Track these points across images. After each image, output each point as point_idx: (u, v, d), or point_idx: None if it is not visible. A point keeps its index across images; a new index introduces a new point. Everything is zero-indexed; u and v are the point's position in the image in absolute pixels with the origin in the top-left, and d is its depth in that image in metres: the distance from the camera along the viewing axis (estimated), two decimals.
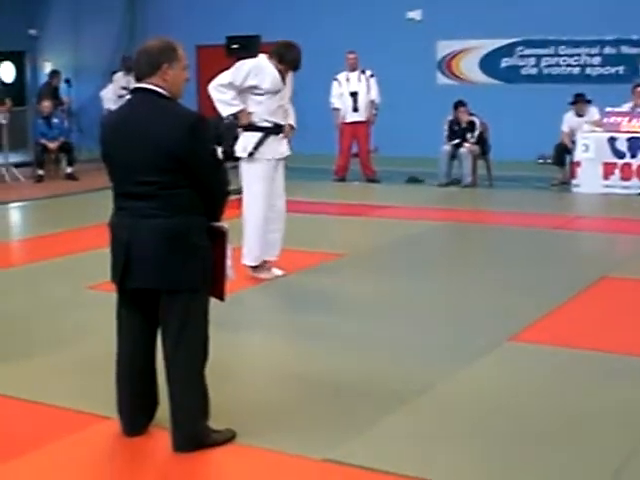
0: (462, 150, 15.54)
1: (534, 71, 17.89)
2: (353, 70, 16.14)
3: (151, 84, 4.70)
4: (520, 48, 17.96)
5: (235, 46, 17.39)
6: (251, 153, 8.56)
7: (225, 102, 8.48)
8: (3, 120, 17.65)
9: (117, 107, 5.06)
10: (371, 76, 16.10)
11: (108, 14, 21.08)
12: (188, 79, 4.94)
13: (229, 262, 4.92)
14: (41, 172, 17.07)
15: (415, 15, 18.63)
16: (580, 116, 15.04)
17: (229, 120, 8.57)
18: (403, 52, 18.09)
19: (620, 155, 14.14)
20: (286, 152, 8.83)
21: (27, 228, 13.40)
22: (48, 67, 22.08)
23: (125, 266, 4.71)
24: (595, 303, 7.88)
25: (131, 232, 4.68)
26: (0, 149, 17.77)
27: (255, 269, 8.81)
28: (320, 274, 9.12)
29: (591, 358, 6.44)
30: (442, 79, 18.65)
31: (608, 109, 14.71)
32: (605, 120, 14.62)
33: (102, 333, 5.09)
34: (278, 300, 8.39)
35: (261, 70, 8.50)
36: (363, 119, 16.11)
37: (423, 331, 7.13)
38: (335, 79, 16.18)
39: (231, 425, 5.01)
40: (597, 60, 17.21)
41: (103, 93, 18.90)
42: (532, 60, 17.89)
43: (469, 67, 18.50)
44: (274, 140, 8.66)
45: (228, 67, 8.76)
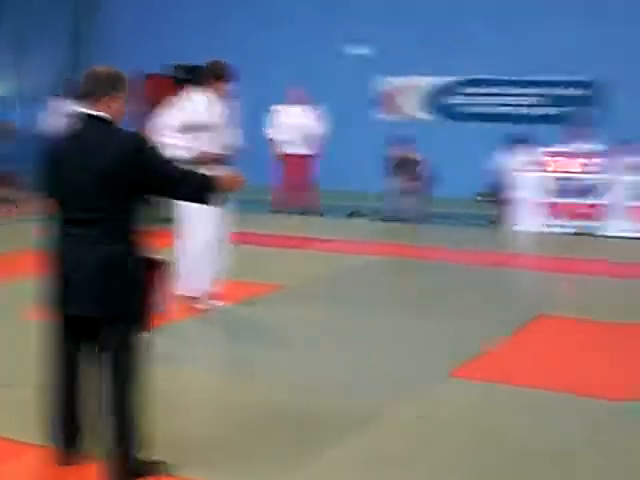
0: (403, 185, 15.61)
1: (474, 109, 18.08)
2: (298, 102, 16.16)
3: (96, 110, 4.67)
4: (461, 86, 18.13)
5: (182, 76, 17.42)
6: None
7: (181, 146, 8.42)
8: None
9: (59, 133, 5.00)
10: (316, 109, 16.13)
11: (52, 39, 20.95)
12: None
13: (164, 295, 4.88)
14: None
15: (358, 50, 18.70)
16: (517, 155, 15.18)
17: None
18: (345, 86, 18.16)
19: (556, 194, 14.30)
20: None
21: None
22: None
23: (64, 294, 4.66)
24: (532, 340, 7.92)
25: (73, 259, 4.63)
26: None
27: (194, 299, 8.76)
28: (259, 305, 9.08)
29: (527, 395, 6.48)
30: (383, 114, 18.72)
31: (544, 149, 14.88)
32: (542, 159, 14.78)
33: (34, 362, 5.00)
34: (217, 331, 8.33)
35: (198, 105, 8.54)
36: (306, 152, 16.13)
37: (362, 364, 7.12)
38: (273, 110, 16.19)
39: (167, 456, 4.93)
40: (536, 100, 17.43)
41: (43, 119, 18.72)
42: (473, 99, 18.06)
43: (410, 103, 18.63)
44: (216, 172, 8.59)
45: (175, 96, 8.77)
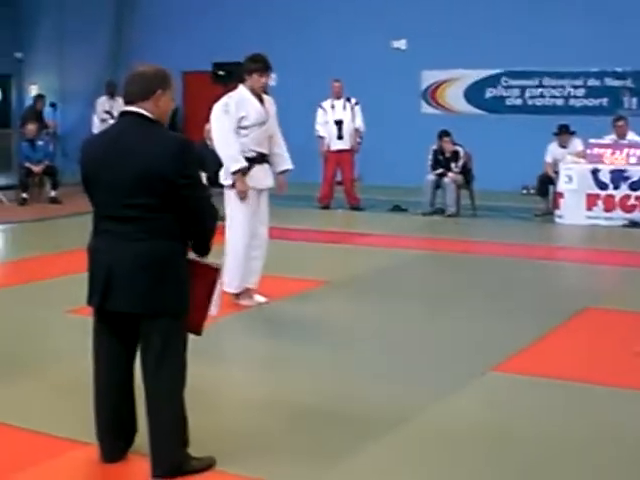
0: (446, 179, 15.55)
1: (518, 102, 17.97)
2: (338, 98, 16.16)
3: (142, 108, 4.70)
4: (504, 79, 18.04)
5: (221, 73, 17.44)
6: (234, 182, 8.53)
7: (232, 157, 8.42)
8: None
9: (100, 130, 5.04)
10: (356, 104, 16.12)
11: (94, 38, 21.10)
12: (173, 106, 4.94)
13: (216, 299, 4.90)
14: (25, 195, 17.03)
15: (400, 45, 18.71)
16: (563, 147, 15.10)
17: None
18: (388, 81, 18.18)
19: (603, 187, 14.18)
20: (270, 184, 8.78)
21: (9, 251, 13.34)
22: (34, 90, 22.08)
23: (105, 289, 4.67)
24: (578, 334, 7.87)
25: (113, 255, 4.65)
26: None
27: (237, 296, 8.78)
28: (303, 301, 9.09)
29: (573, 389, 6.43)
30: (426, 108, 18.72)
31: (591, 140, 14.75)
32: (588, 151, 14.65)
33: (81, 358, 5.05)
34: (260, 327, 8.34)
35: (243, 102, 8.47)
36: (348, 147, 16.12)
37: (405, 360, 7.12)
38: (320, 107, 16.20)
39: (210, 453, 4.97)
40: (581, 92, 17.32)
41: (94, 119, 18.84)
42: (516, 91, 17.96)
43: (453, 97, 18.57)
44: (259, 170, 8.61)
45: (214, 93, 8.74)
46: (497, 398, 6.24)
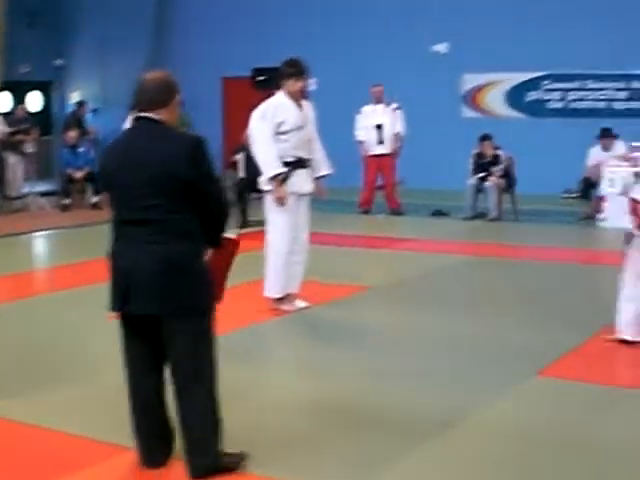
0: (487, 183, 15.52)
1: (560, 105, 17.89)
2: (378, 102, 16.16)
3: (157, 114, 4.80)
4: (546, 82, 17.98)
5: (261, 78, 17.49)
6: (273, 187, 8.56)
7: (270, 163, 8.44)
8: (30, 149, 17.79)
9: (117, 136, 5.12)
10: (397, 108, 16.12)
11: (134, 44, 21.23)
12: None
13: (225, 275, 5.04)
14: (67, 201, 17.19)
15: (441, 48, 18.68)
16: (606, 150, 15.01)
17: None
18: (429, 85, 18.17)
19: None
20: (310, 189, 8.79)
21: (52, 257, 13.46)
22: (75, 97, 22.25)
23: (125, 293, 4.73)
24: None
25: (132, 259, 4.72)
26: (26, 178, 17.90)
27: (278, 301, 8.79)
28: (343, 307, 9.09)
29: (619, 393, 6.41)
30: (467, 112, 18.70)
31: (635, 144, 14.65)
32: (632, 155, 14.55)
33: (118, 362, 5.06)
34: (300, 332, 8.34)
35: (281, 108, 8.50)
36: (388, 151, 16.11)
37: (449, 364, 7.10)
38: (360, 111, 16.21)
39: (248, 455, 5.00)
40: (623, 94, 17.20)
41: (126, 124, 18.93)
42: (558, 94, 17.88)
43: (494, 100, 18.53)
44: (298, 175, 8.63)
45: (254, 99, 8.75)
46: (543, 402, 6.22)
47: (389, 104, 16.14)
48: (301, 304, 8.89)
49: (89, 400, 6.19)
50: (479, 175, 15.66)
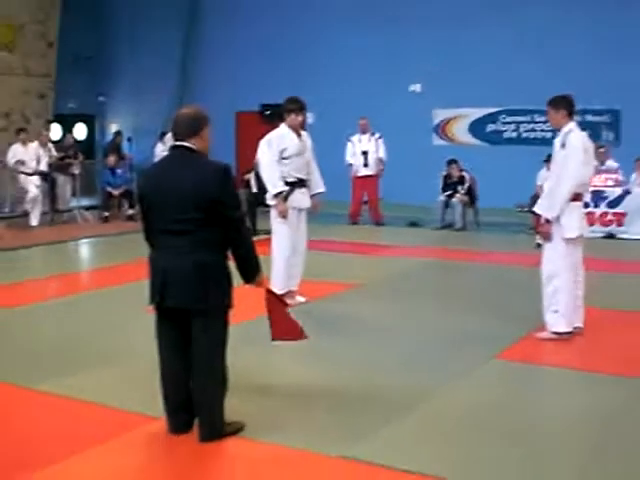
0: (454, 200, 15.58)
1: (513, 135, 17.91)
2: (364, 132, 16.21)
3: (190, 143, 4.86)
4: (502, 116, 18.00)
5: (268, 112, 17.50)
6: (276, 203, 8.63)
7: (273, 183, 8.47)
8: (76, 171, 17.81)
9: (157, 161, 5.22)
10: (379, 137, 16.17)
11: (163, 84, 21.26)
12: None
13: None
14: (107, 214, 17.20)
15: (416, 88, 18.71)
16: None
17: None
18: (406, 118, 18.18)
19: (585, 205, 14.06)
20: (307, 204, 8.84)
21: (95, 260, 13.47)
22: (113, 128, 22.28)
23: (162, 290, 4.82)
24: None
25: (167, 263, 4.82)
26: (73, 195, 17.92)
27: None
28: (336, 301, 9.11)
29: (562, 373, 6.44)
30: (437, 141, 18.71)
31: None
32: None
33: (155, 349, 5.10)
34: (300, 322, 8.36)
35: (283, 138, 8.55)
36: (372, 173, 16.15)
37: (422, 349, 7.13)
38: (349, 140, 16.26)
39: (251, 426, 5.05)
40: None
41: (156, 149, 18.96)
42: (512, 126, 17.91)
43: (460, 131, 18.55)
44: (298, 193, 8.68)
45: (262, 130, 8.78)
46: (498, 380, 6.25)
47: (373, 134, 16.19)
48: (300, 299, 8.91)
49: (127, 379, 6.22)
50: (447, 192, 15.72)
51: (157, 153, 18.62)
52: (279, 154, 8.47)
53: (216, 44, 21.00)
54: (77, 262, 13.28)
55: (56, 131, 21.07)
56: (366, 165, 16.11)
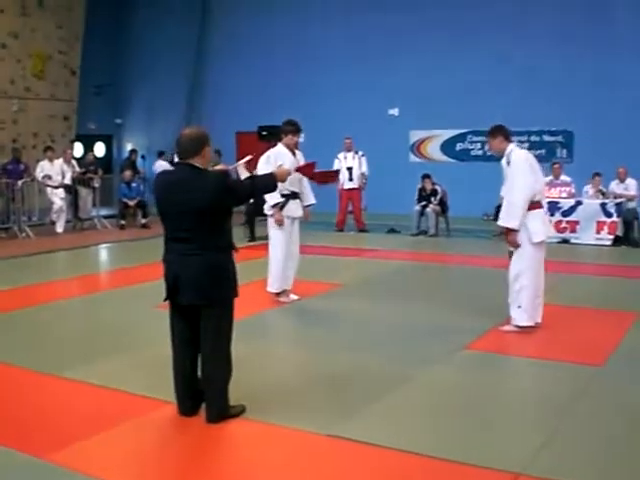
0: (428, 209, 15.58)
1: (480, 152, 17.94)
2: (349, 150, 16.18)
3: (193, 161, 4.83)
4: (469, 136, 18.04)
5: (264, 133, 17.47)
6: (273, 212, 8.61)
7: (271, 195, 8.38)
8: (96, 184, 17.76)
9: (164, 172, 5.19)
10: (362, 155, 16.14)
11: (172, 108, 21.28)
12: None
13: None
14: (123, 222, 17.16)
15: (394, 112, 18.74)
16: None
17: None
18: (385, 138, 18.23)
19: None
20: (300, 214, 8.82)
21: (113, 263, 13.43)
22: (129, 146, 22.23)
23: (174, 289, 4.84)
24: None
25: (178, 265, 4.82)
26: (94, 205, 17.87)
27: (277, 295, 8.82)
28: (325, 299, 9.11)
29: (523, 362, 6.44)
30: (413, 158, 18.72)
31: None
32: None
33: (165, 341, 5.10)
34: (294, 317, 8.36)
35: (281, 155, 8.54)
36: (356, 186, 16.12)
37: (401, 340, 7.12)
38: (337, 157, 16.25)
39: (251, 406, 5.07)
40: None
41: (155, 166, 18.82)
42: (478, 145, 17.94)
43: (433, 149, 18.58)
44: (292, 204, 8.67)
45: (261, 149, 8.77)
46: (468, 367, 6.25)
47: (357, 152, 16.17)
48: (294, 297, 8.90)
49: (141, 367, 6.21)
50: (422, 203, 15.72)
51: (156, 169, 18.57)
52: (276, 169, 8.45)
53: (220, 74, 21.03)
54: (97, 265, 13.24)
55: (78, 149, 21.04)
56: (351, 179, 16.09)
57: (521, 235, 7.24)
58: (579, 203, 14.17)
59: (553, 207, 14.05)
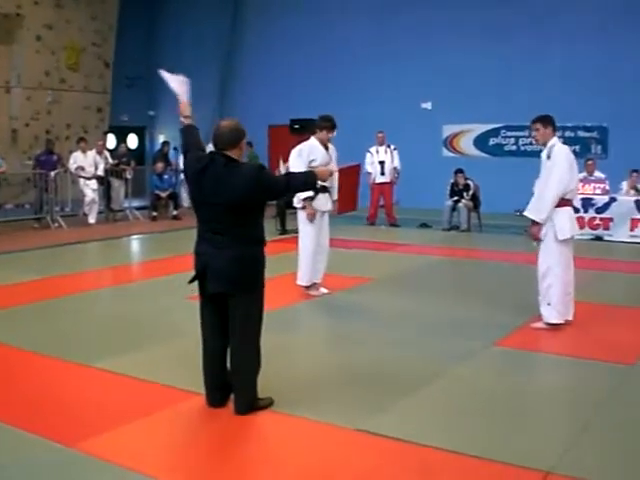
0: (460, 204, 15.50)
1: (513, 148, 17.83)
2: (381, 145, 16.15)
3: (229, 152, 4.87)
4: (503, 131, 17.93)
5: (296, 126, 17.49)
6: (304, 206, 8.62)
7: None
8: (129, 176, 17.89)
9: (199, 158, 5.04)
10: (394, 149, 16.11)
11: (205, 100, 21.29)
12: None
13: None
14: (155, 214, 17.27)
15: (427, 105, 18.68)
16: None
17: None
18: (418, 132, 18.18)
19: (576, 211, 13.94)
20: (330, 207, 8.83)
21: (145, 254, 13.54)
22: (161, 138, 22.35)
23: (202, 276, 4.89)
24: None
25: (209, 256, 4.85)
26: (126, 197, 18.01)
27: (307, 288, 8.83)
28: (355, 292, 9.11)
29: (553, 359, 6.40)
30: (446, 152, 18.66)
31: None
32: None
33: (195, 332, 5.13)
34: (323, 311, 8.38)
35: (313, 149, 8.54)
36: (388, 180, 16.09)
37: (433, 336, 7.09)
38: (368, 151, 16.21)
39: (280, 399, 5.07)
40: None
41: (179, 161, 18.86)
42: (512, 140, 17.83)
43: (466, 144, 18.49)
44: (322, 198, 8.67)
45: (292, 142, 8.78)
46: (498, 364, 6.22)
47: (389, 146, 16.13)
48: (324, 290, 8.92)
49: (171, 358, 6.25)
50: (454, 198, 15.64)
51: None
52: (308, 163, 8.46)
53: (252, 68, 21.10)
54: (128, 256, 13.35)
55: (111, 141, 21.21)
56: (383, 173, 16.06)
57: (547, 231, 7.18)
58: (613, 200, 14.01)
59: (587, 203, 13.91)
